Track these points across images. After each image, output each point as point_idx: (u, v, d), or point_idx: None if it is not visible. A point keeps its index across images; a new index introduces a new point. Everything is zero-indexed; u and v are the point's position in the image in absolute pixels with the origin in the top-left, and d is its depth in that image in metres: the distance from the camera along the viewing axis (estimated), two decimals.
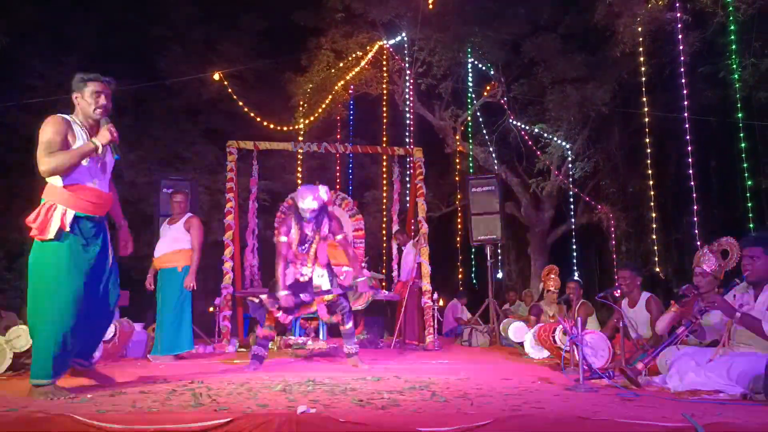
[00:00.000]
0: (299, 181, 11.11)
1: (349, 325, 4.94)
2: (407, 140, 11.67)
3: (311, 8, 12.43)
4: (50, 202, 3.21)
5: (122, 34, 12.56)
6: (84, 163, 3.25)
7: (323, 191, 4.77)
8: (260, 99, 12.75)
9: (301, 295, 4.78)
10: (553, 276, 6.85)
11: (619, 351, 4.27)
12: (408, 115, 11.98)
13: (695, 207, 8.70)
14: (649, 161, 9.92)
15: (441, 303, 9.86)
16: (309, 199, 4.70)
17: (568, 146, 11.88)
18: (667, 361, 3.74)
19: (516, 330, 6.31)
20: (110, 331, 5.42)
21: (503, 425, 2.30)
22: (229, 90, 11.82)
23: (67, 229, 3.20)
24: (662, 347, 3.75)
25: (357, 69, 12.03)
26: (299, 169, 11.62)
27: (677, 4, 9.04)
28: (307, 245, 4.85)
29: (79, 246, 3.26)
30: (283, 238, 4.78)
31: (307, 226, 4.81)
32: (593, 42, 11.08)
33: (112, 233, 3.65)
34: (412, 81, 12.10)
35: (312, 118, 11.96)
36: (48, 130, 3.18)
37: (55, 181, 3.22)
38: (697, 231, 8.54)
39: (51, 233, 3.16)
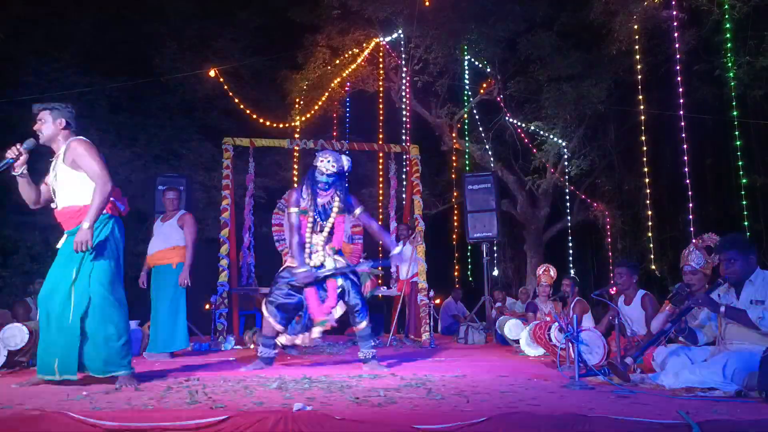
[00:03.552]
0: (295, 179, 11.10)
1: (363, 324, 4.49)
2: (403, 138, 11.67)
3: (307, 5, 12.41)
4: None
5: (117, 30, 12.50)
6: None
7: (345, 159, 4.49)
8: (256, 96, 12.72)
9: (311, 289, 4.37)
10: (544, 272, 6.86)
11: (615, 348, 4.28)
12: (404, 113, 11.97)
13: (690, 205, 8.73)
14: (644, 159, 9.95)
15: (437, 301, 9.87)
16: (329, 160, 4.38)
17: (564, 144, 11.90)
18: (662, 359, 3.76)
19: (512, 327, 6.32)
20: None
21: (499, 422, 2.30)
22: (225, 87, 11.79)
23: (58, 246, 3.62)
24: (649, 343, 3.78)
25: (353, 66, 12.01)
26: (295, 166, 11.60)
27: (673, 2, 9.05)
28: (323, 220, 4.47)
29: (60, 258, 3.57)
30: (294, 209, 4.44)
31: (321, 194, 4.46)
32: (589, 40, 11.10)
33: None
34: (408, 78, 12.09)
35: (308, 116, 11.94)
36: None
37: None
38: (692, 228, 8.56)
39: None
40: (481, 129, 12.67)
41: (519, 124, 12.31)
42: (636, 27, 9.63)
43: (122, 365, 3.46)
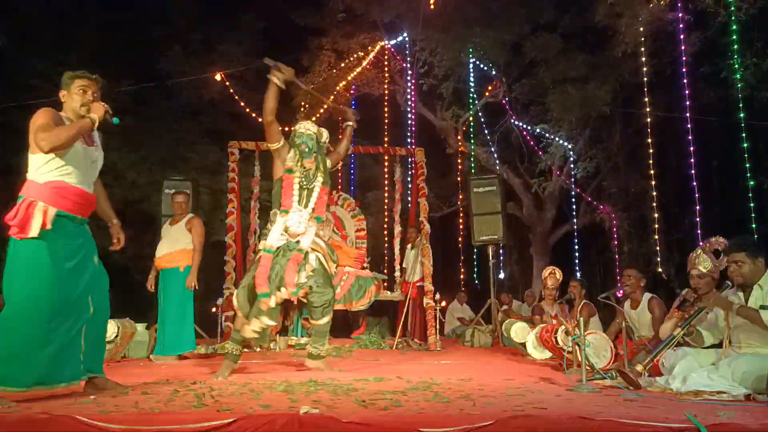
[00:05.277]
0: None
1: (324, 321, 4.31)
2: (409, 141, 11.68)
3: (312, 8, 12.45)
4: (30, 198, 3.09)
5: (123, 34, 12.58)
6: (77, 147, 3.19)
7: (323, 130, 4.51)
8: (261, 99, 12.72)
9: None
10: (550, 274, 6.84)
11: (622, 351, 4.27)
12: (409, 116, 11.98)
13: (697, 207, 8.69)
14: (650, 161, 9.91)
15: (443, 303, 9.86)
16: (304, 125, 4.46)
17: (569, 146, 11.88)
18: (669, 363, 3.74)
19: (518, 330, 6.30)
20: (112, 332, 5.44)
21: (506, 426, 2.30)
22: (231, 90, 11.83)
23: (49, 227, 3.05)
24: (659, 349, 3.76)
25: (358, 69, 12.04)
26: None
27: (679, 4, 9.03)
28: (308, 184, 4.32)
29: (59, 246, 3.11)
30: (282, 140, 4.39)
31: (306, 160, 4.34)
32: (594, 42, 11.08)
33: (105, 231, 3.60)
34: (413, 81, 12.10)
35: (313, 119, 11.94)
36: (41, 117, 3.12)
37: (37, 178, 3.13)
38: (699, 231, 8.52)
39: (33, 231, 3.02)
40: (486, 131, 12.67)
41: (524, 126, 12.30)
42: (641, 29, 9.61)
43: None
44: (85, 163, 3.27)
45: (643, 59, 9.65)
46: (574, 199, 12.55)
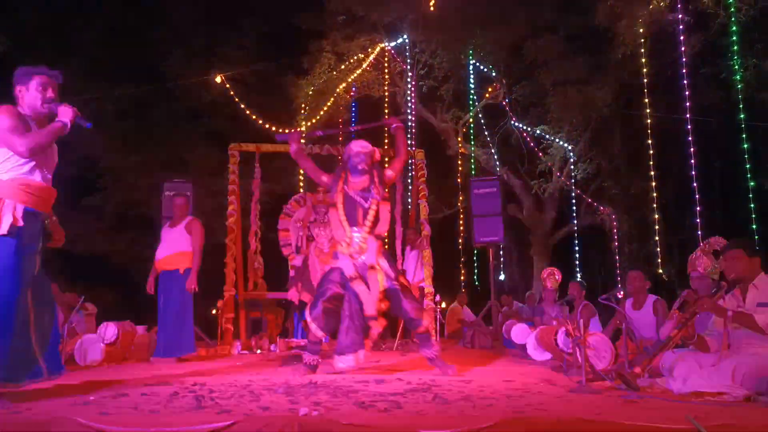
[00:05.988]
0: (301, 184, 11.12)
1: (421, 326, 4.39)
2: (409, 142, 11.67)
3: (312, 11, 12.46)
4: None
5: (124, 37, 12.61)
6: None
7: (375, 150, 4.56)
8: (262, 102, 12.76)
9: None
10: (549, 275, 6.83)
11: (623, 353, 4.26)
12: (410, 117, 11.98)
13: (698, 208, 8.68)
14: (651, 162, 9.91)
15: (444, 305, 9.85)
16: (359, 144, 4.54)
17: (570, 148, 11.87)
18: (669, 364, 3.73)
19: (519, 332, 6.29)
20: (113, 334, 5.45)
21: (506, 427, 2.29)
22: (231, 93, 11.85)
23: (20, 224, 3.00)
24: (656, 350, 3.75)
25: (359, 71, 12.04)
26: (301, 171, 11.62)
27: (679, 6, 9.04)
28: (364, 205, 4.41)
29: (25, 243, 3.05)
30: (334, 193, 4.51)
31: (357, 178, 4.44)
32: (594, 43, 11.09)
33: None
34: (413, 83, 12.11)
35: (314, 121, 11.97)
36: (8, 118, 3.06)
37: (1, 175, 3.05)
38: (700, 232, 8.52)
39: (3, 229, 2.95)
40: (486, 133, 12.67)
41: (525, 128, 12.30)
42: (642, 30, 9.62)
43: None
44: (45, 158, 3.20)
45: (644, 60, 9.65)
46: (574, 201, 12.54)
